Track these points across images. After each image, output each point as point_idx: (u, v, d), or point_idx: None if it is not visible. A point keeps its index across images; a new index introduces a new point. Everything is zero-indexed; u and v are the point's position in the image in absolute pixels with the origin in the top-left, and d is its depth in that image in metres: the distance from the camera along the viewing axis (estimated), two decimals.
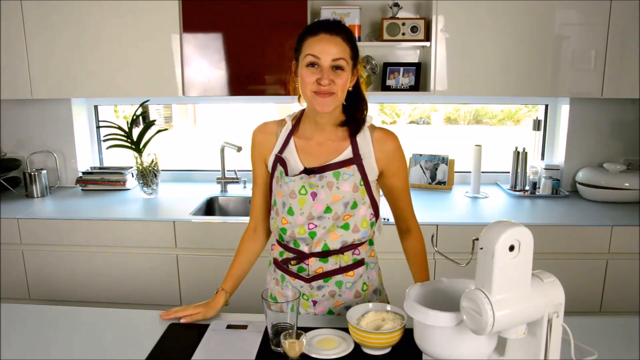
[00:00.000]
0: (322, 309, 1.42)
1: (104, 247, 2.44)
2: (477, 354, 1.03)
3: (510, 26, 2.41)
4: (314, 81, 1.26)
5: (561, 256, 2.31)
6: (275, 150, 1.40)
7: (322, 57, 1.25)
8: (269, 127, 1.44)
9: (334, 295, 1.40)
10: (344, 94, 1.29)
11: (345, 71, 1.27)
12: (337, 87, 1.26)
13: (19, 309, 1.47)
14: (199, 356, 1.20)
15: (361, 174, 1.34)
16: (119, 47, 2.53)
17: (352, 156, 1.35)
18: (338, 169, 1.33)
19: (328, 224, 1.34)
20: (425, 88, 2.65)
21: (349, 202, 1.34)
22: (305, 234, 1.35)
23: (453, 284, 1.17)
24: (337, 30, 1.27)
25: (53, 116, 2.93)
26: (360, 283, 1.42)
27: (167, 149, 3.44)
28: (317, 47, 1.25)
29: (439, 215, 2.43)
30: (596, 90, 2.44)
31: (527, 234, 0.93)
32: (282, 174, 1.36)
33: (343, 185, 1.33)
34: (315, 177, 1.33)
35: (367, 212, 1.37)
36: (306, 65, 1.27)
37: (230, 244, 2.40)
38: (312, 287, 1.39)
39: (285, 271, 1.42)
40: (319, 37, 1.26)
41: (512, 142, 2.84)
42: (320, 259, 1.37)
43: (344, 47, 1.26)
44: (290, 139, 1.39)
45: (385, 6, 2.64)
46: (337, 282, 1.39)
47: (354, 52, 1.30)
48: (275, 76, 2.53)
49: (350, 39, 1.29)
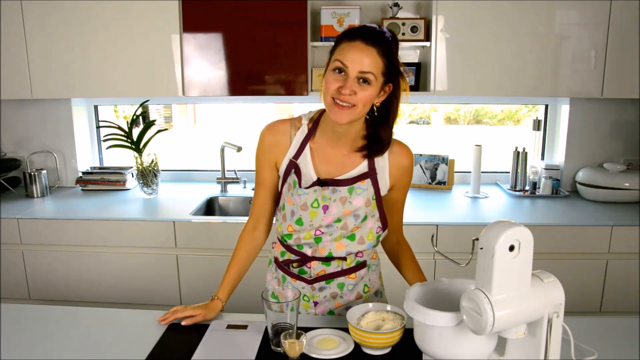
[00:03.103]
0: (323, 309, 1.42)
1: (104, 247, 2.44)
2: (477, 354, 1.03)
3: (510, 26, 2.41)
4: (336, 88, 1.19)
5: (561, 256, 2.31)
6: (289, 155, 1.35)
7: (350, 66, 1.18)
8: (280, 127, 1.37)
9: (336, 297, 1.40)
10: (365, 109, 1.22)
11: (372, 86, 1.20)
12: (358, 100, 1.19)
13: (19, 309, 1.47)
14: (199, 356, 1.20)
15: (374, 188, 1.33)
16: (119, 47, 2.53)
17: (368, 170, 1.32)
18: (352, 184, 1.31)
19: (335, 233, 1.33)
20: (425, 88, 2.65)
21: (360, 215, 1.33)
22: (310, 239, 1.34)
23: (453, 284, 1.17)
24: (374, 41, 1.19)
25: (53, 116, 2.93)
26: (361, 285, 1.42)
27: (167, 149, 3.44)
28: (349, 54, 1.18)
29: (439, 215, 2.43)
30: (596, 90, 2.44)
31: (527, 234, 0.93)
32: (296, 184, 1.32)
33: (356, 200, 1.31)
34: (328, 190, 1.31)
35: (374, 225, 1.36)
36: (333, 69, 1.21)
37: (230, 244, 2.39)
38: (314, 288, 1.39)
39: (287, 272, 1.42)
40: (353, 44, 1.19)
41: (512, 142, 2.84)
42: (322, 262, 1.37)
43: (376, 61, 1.19)
44: (306, 145, 1.34)
45: (385, 6, 2.64)
46: (339, 284, 1.39)
47: (388, 68, 1.22)
48: (275, 76, 2.53)
49: (386, 54, 1.20)
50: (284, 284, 1.43)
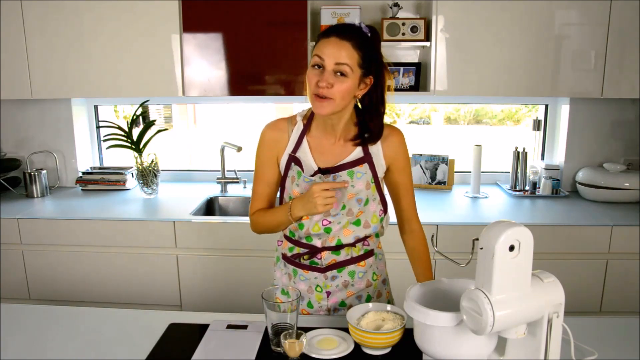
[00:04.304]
0: (335, 300, 1.44)
1: (104, 247, 2.44)
2: (477, 354, 1.03)
3: (510, 26, 2.41)
4: (315, 83, 1.26)
5: (561, 256, 2.31)
6: (288, 150, 1.41)
7: (326, 59, 1.24)
8: (280, 124, 1.43)
9: (347, 286, 1.44)
10: (343, 101, 1.28)
11: (349, 78, 1.25)
12: (334, 92, 1.25)
13: (19, 309, 1.47)
14: (199, 356, 1.20)
15: (372, 172, 1.39)
16: (119, 47, 2.53)
17: (363, 155, 1.38)
18: (351, 168, 1.37)
19: (343, 220, 1.39)
20: (425, 88, 2.65)
21: (362, 199, 1.38)
22: (320, 230, 1.39)
23: (453, 284, 1.17)
24: (348, 35, 1.25)
25: (53, 116, 2.93)
26: (370, 273, 1.46)
27: (167, 149, 3.44)
28: (324, 49, 1.25)
29: (439, 215, 2.43)
30: (596, 90, 2.44)
31: (527, 234, 0.93)
32: (300, 174, 1.38)
33: (357, 183, 1.37)
34: (329, 177, 1.37)
35: (377, 207, 1.42)
36: (312, 65, 1.28)
37: (230, 244, 2.41)
38: (327, 277, 1.42)
39: (298, 265, 1.45)
40: (329, 39, 1.26)
41: (512, 142, 2.84)
42: (332, 251, 1.41)
43: (351, 53, 1.24)
44: (302, 139, 1.40)
45: (385, 6, 2.64)
46: (350, 272, 1.43)
47: (365, 60, 1.27)
48: (275, 76, 2.53)
49: (362, 47, 1.26)
50: (295, 278, 1.45)
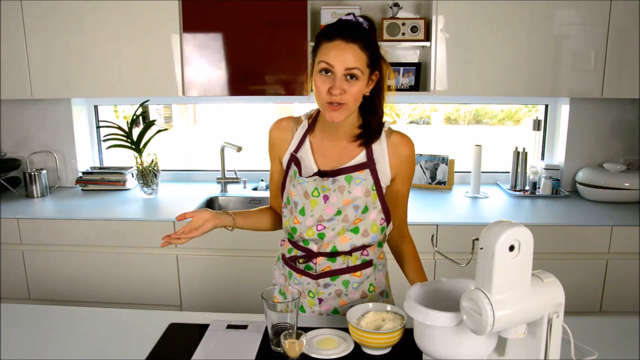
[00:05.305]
0: (327, 307, 1.42)
1: (104, 247, 2.44)
2: (477, 354, 1.03)
3: (510, 26, 2.41)
4: (326, 90, 1.23)
5: (561, 256, 2.31)
6: (290, 149, 1.40)
7: (336, 66, 1.21)
8: (285, 123, 1.43)
9: (340, 295, 1.40)
10: (356, 104, 1.27)
11: (360, 80, 1.23)
12: (348, 97, 1.23)
13: (19, 309, 1.47)
14: (199, 356, 1.20)
15: (374, 179, 1.35)
16: (119, 47, 2.53)
17: (366, 160, 1.35)
18: (350, 173, 1.34)
19: (338, 227, 1.35)
20: (425, 88, 2.65)
21: (360, 206, 1.34)
22: (314, 235, 1.36)
23: (453, 284, 1.17)
24: (354, 37, 1.21)
25: (53, 116, 2.93)
26: (367, 284, 1.42)
27: (167, 149, 3.44)
28: (332, 54, 1.21)
29: (439, 215, 2.43)
30: (596, 90, 2.44)
31: (527, 234, 0.93)
32: (296, 174, 1.37)
33: (355, 189, 1.33)
34: (328, 180, 1.34)
35: (377, 216, 1.37)
36: (319, 71, 1.24)
37: (230, 244, 2.41)
38: (319, 284, 1.39)
39: (293, 268, 1.43)
40: (334, 43, 1.21)
41: (512, 142, 2.84)
42: (328, 258, 1.38)
43: (359, 56, 1.22)
44: (305, 138, 1.39)
45: (385, 6, 2.64)
46: (344, 282, 1.39)
47: (372, 59, 1.25)
48: (275, 76, 2.53)
49: (367, 47, 1.23)
50: (290, 280, 1.44)
